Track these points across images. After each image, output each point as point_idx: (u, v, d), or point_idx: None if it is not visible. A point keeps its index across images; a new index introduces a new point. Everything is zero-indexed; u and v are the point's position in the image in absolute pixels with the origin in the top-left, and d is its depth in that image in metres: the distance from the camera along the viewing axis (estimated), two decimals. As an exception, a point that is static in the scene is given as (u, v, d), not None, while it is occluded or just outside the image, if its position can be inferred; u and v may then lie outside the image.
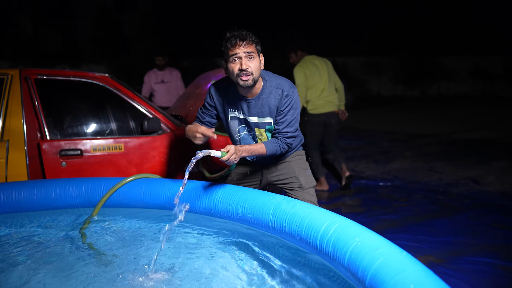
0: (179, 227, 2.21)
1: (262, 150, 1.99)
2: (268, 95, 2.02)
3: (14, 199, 2.31)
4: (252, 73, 1.91)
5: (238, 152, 1.86)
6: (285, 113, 2.02)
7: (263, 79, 2.04)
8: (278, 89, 2.01)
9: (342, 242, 1.42)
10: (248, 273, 1.72)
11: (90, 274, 1.73)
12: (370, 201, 4.12)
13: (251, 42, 1.91)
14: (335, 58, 18.66)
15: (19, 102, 2.76)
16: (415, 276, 1.07)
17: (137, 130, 3.06)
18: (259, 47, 1.96)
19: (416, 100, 16.59)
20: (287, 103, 2.01)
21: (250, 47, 1.90)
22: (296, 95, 2.05)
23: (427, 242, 3.04)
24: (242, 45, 1.89)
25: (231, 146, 1.85)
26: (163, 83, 5.51)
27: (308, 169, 2.28)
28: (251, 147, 1.96)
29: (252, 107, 2.05)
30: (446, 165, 5.57)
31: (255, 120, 2.07)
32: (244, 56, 1.89)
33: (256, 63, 1.93)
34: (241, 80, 1.92)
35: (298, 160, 2.26)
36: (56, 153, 2.75)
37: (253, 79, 1.93)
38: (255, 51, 1.92)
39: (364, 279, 1.23)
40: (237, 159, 1.86)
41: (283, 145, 2.06)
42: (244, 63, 1.89)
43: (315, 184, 2.28)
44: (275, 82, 2.03)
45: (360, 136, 8.42)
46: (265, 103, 2.03)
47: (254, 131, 2.12)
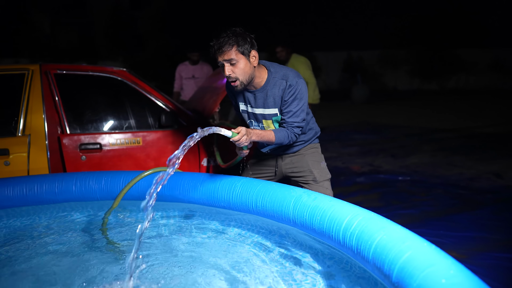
0: (194, 221, 2.21)
1: (271, 137, 1.99)
2: (272, 86, 2.03)
3: (36, 192, 2.34)
4: (237, 78, 1.94)
5: (249, 134, 1.86)
6: (289, 103, 2.02)
7: (268, 70, 2.04)
8: (282, 80, 2.01)
9: (366, 235, 1.39)
10: (266, 266, 1.70)
11: (107, 266, 1.74)
12: (389, 195, 4.06)
13: (230, 47, 1.89)
14: (350, 52, 18.45)
15: (39, 97, 2.79)
16: (446, 270, 1.04)
17: (155, 124, 3.07)
18: (244, 47, 1.91)
19: (433, 93, 16.26)
20: (291, 93, 2.00)
21: (229, 54, 1.90)
22: (301, 85, 2.03)
23: (449, 237, 2.98)
24: (221, 54, 1.91)
25: (243, 127, 1.85)
26: (193, 78, 5.46)
27: (323, 162, 2.27)
28: (261, 131, 1.97)
29: (258, 99, 2.07)
30: (466, 160, 5.45)
31: (261, 111, 2.10)
32: (226, 64, 1.92)
33: (240, 66, 1.92)
34: (232, 85, 1.98)
35: (313, 153, 2.26)
36: (76, 147, 2.78)
37: (240, 82, 1.95)
38: (236, 55, 1.90)
39: (391, 273, 1.20)
40: (247, 141, 1.86)
41: (291, 135, 2.05)
42: (226, 70, 1.92)
43: (330, 177, 2.26)
44: (280, 73, 2.03)
45: (377, 131, 8.30)
46: (269, 94, 2.04)
47: (262, 124, 2.14)
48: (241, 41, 1.90)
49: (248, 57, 1.94)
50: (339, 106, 12.94)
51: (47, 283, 1.63)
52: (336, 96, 15.12)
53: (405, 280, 1.11)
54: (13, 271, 1.74)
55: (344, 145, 6.83)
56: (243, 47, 1.91)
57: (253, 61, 1.96)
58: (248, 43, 1.93)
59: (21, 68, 2.85)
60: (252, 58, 1.95)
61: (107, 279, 1.63)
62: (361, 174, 4.96)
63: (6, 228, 2.20)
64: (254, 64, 1.97)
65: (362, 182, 4.63)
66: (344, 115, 10.77)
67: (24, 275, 1.70)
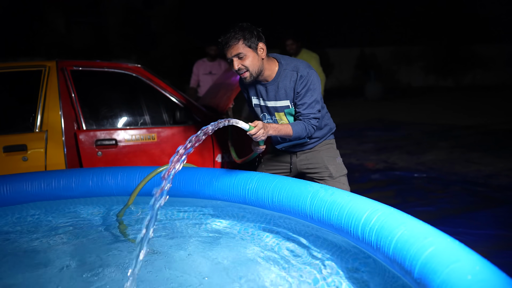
0: (209, 215, 2.20)
1: (289, 130, 1.98)
2: (283, 78, 2.04)
3: (53, 187, 2.37)
4: (247, 69, 1.96)
5: (266, 128, 1.85)
6: (303, 95, 2.01)
7: (279, 63, 2.05)
8: (293, 72, 2.02)
9: (386, 231, 1.36)
10: (281, 262, 1.68)
11: (124, 261, 1.74)
12: (405, 192, 4.00)
13: (237, 42, 1.93)
14: (363, 49, 18.25)
15: (56, 93, 2.82)
16: (471, 266, 1.01)
17: (169, 120, 3.07)
18: (250, 40, 1.94)
19: (449, 90, 15.99)
20: (303, 84, 2.00)
21: (236, 49, 1.93)
22: (313, 75, 2.02)
23: (468, 235, 2.91)
24: (228, 49, 1.95)
25: (260, 121, 1.84)
26: (210, 74, 5.46)
27: (338, 157, 2.26)
28: (278, 125, 1.95)
29: (269, 91, 2.08)
30: (484, 156, 5.34)
31: (273, 104, 2.10)
32: (235, 58, 1.95)
33: (248, 59, 1.95)
34: (242, 77, 2.01)
35: (328, 149, 2.24)
36: (92, 143, 2.80)
37: (250, 74, 1.98)
38: (243, 49, 1.94)
39: (413, 269, 1.17)
40: (264, 136, 1.85)
41: (308, 127, 2.03)
42: (235, 65, 1.96)
43: (346, 172, 2.23)
44: (291, 65, 2.04)
45: (391, 128, 8.20)
46: (281, 86, 2.04)
47: (275, 117, 2.14)
48: (247, 34, 1.94)
49: (256, 50, 1.97)
50: (352, 103, 12.83)
51: (62, 276, 1.65)
52: (349, 93, 14.99)
53: (428, 276, 1.08)
54: (30, 264, 1.75)
55: (358, 142, 6.76)
56: (249, 40, 1.94)
57: (261, 53, 1.98)
58: (254, 36, 1.96)
59: (38, 65, 2.87)
60: (260, 50, 1.98)
61: (121, 273, 1.64)
62: (376, 171, 4.90)
63: (24, 223, 2.23)
64: (262, 56, 1.99)
65: (377, 179, 4.57)
66: (357, 112, 10.66)
67: (40, 268, 1.72)
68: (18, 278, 1.66)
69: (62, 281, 1.61)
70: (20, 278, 1.66)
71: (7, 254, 1.87)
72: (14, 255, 1.86)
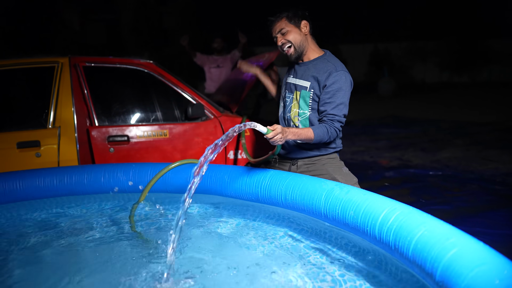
0: (220, 213, 2.18)
1: (310, 134, 1.92)
2: (320, 64, 2.06)
3: (66, 183, 2.37)
4: (291, 43, 2.04)
5: (284, 133, 1.81)
6: (333, 93, 1.98)
7: (325, 53, 2.12)
8: (331, 64, 2.04)
9: (405, 231, 1.32)
10: (296, 262, 1.65)
11: (133, 257, 1.73)
12: (419, 190, 3.92)
13: (280, 19, 2.04)
14: (376, 45, 18.02)
15: (69, 89, 2.82)
16: (499, 270, 0.95)
17: (181, 116, 3.05)
18: (295, 19, 2.04)
19: (464, 86, 15.69)
20: (334, 79, 1.98)
21: (279, 25, 2.04)
22: (346, 78, 2.00)
23: (486, 234, 2.83)
24: (273, 26, 2.07)
25: (279, 125, 1.80)
26: (218, 68, 5.41)
27: (344, 167, 2.16)
28: (299, 130, 1.90)
29: (301, 70, 2.12)
30: (502, 154, 5.20)
31: (297, 82, 2.12)
32: (278, 35, 2.06)
33: (292, 34, 2.04)
34: (287, 54, 2.09)
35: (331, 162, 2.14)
36: (104, 139, 2.79)
37: (294, 49, 2.06)
38: (287, 25, 2.04)
39: (434, 272, 1.12)
40: (282, 140, 1.81)
41: (331, 129, 1.96)
42: (279, 41, 2.06)
43: (357, 180, 2.12)
44: (333, 60, 2.08)
45: (405, 124, 8.07)
46: (312, 69, 2.07)
47: (293, 95, 2.14)
48: (290, 13, 2.05)
49: (299, 26, 2.05)
50: (366, 99, 12.67)
51: (74, 271, 1.64)
52: (363, 89, 14.82)
53: (452, 280, 1.03)
54: (43, 259, 1.75)
55: (372, 139, 6.67)
56: (292, 17, 2.04)
57: (305, 30, 2.06)
58: (298, 15, 2.05)
59: (51, 61, 2.88)
60: (303, 27, 2.05)
61: (133, 270, 1.62)
62: (390, 168, 4.82)
63: (38, 218, 2.23)
64: (305, 32, 2.06)
65: (391, 176, 4.49)
66: (370, 109, 10.53)
67: (53, 263, 1.72)
68: (27, 274, 1.66)
69: (72, 276, 1.60)
70: (29, 273, 1.66)
71: (20, 249, 1.87)
72: (25, 250, 1.86)
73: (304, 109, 2.08)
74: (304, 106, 2.08)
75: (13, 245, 1.91)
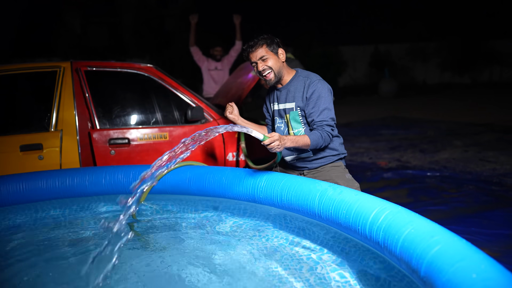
0: (217, 213, 2.23)
1: (306, 139, 2.01)
2: (296, 83, 2.20)
3: (68, 185, 2.42)
4: (271, 69, 2.14)
5: (282, 140, 1.88)
6: (314, 102, 2.10)
7: (296, 72, 2.24)
8: (305, 78, 2.19)
9: (393, 229, 1.37)
10: (289, 261, 1.70)
11: (133, 257, 1.78)
12: (417, 191, 3.96)
13: (260, 46, 2.14)
14: (377, 46, 18.03)
15: (71, 93, 2.88)
16: (477, 264, 1.01)
17: (181, 119, 3.11)
18: (272, 45, 2.16)
19: (465, 87, 15.69)
20: (312, 89, 2.11)
21: (260, 51, 2.14)
22: (323, 85, 2.13)
23: (481, 234, 2.87)
24: (253, 53, 2.15)
25: (276, 133, 1.87)
26: (216, 70, 5.48)
27: (347, 174, 2.24)
28: (295, 137, 1.99)
29: (282, 95, 2.24)
30: (500, 155, 5.23)
31: (283, 106, 2.23)
32: (259, 61, 2.15)
33: (271, 60, 2.15)
34: (266, 79, 2.18)
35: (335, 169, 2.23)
36: (105, 142, 2.85)
37: (274, 75, 2.16)
38: (267, 52, 2.14)
39: (419, 268, 1.18)
40: (281, 147, 1.87)
41: (324, 134, 2.05)
42: (259, 67, 2.15)
43: (358, 186, 2.20)
44: (304, 74, 2.22)
45: (405, 125, 8.10)
46: (292, 90, 2.20)
47: (285, 119, 2.24)
48: (269, 41, 2.17)
49: (277, 54, 2.17)
50: (366, 100, 12.71)
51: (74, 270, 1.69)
52: (363, 90, 14.85)
53: (434, 275, 1.08)
54: (45, 258, 1.81)
55: (372, 140, 6.71)
56: (271, 45, 2.16)
57: (281, 57, 2.19)
58: (275, 43, 2.18)
59: (53, 65, 2.94)
60: (280, 55, 2.19)
61: (132, 269, 1.67)
62: (389, 169, 4.86)
63: (41, 219, 2.29)
64: (282, 59, 2.19)
65: (389, 177, 4.53)
66: (371, 110, 10.56)
67: (55, 261, 1.77)
68: (34, 273, 1.71)
69: (75, 275, 1.65)
70: (36, 272, 1.71)
71: (23, 251, 1.93)
72: (30, 251, 1.91)
73: (297, 128, 2.19)
74: (297, 124, 2.19)
75: (18, 245, 1.97)
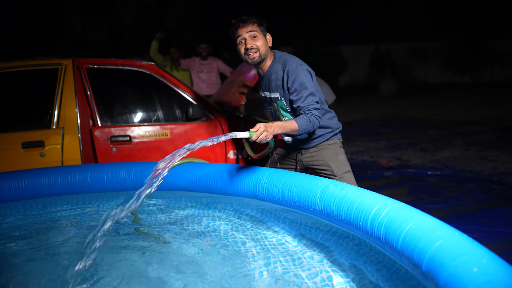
0: (219, 211, 2.24)
1: (294, 125, 1.98)
2: (275, 71, 2.13)
3: (69, 181, 2.43)
4: (258, 49, 2.07)
5: (269, 128, 1.85)
6: (297, 90, 2.07)
7: (274, 56, 2.16)
8: (283, 65, 2.11)
9: (395, 225, 1.37)
10: (290, 257, 1.70)
11: (137, 251, 1.79)
12: (418, 189, 3.97)
13: (253, 22, 2.07)
14: (378, 45, 18.02)
15: (72, 90, 2.89)
16: (478, 259, 1.01)
17: (182, 117, 3.12)
18: (263, 27, 2.10)
19: (466, 87, 15.68)
20: (292, 79, 2.06)
21: (252, 26, 2.06)
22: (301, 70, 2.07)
23: (482, 232, 2.88)
24: (244, 26, 2.06)
25: (261, 124, 1.85)
26: (205, 72, 5.56)
27: (341, 155, 2.27)
28: (282, 123, 1.96)
29: (264, 82, 2.21)
30: (500, 154, 5.24)
31: (268, 94, 2.22)
32: (248, 37, 2.06)
33: (260, 40, 2.08)
34: (248, 58, 2.09)
35: (330, 148, 2.26)
36: (107, 139, 2.86)
37: (259, 55, 2.08)
38: (258, 31, 2.07)
39: (421, 263, 1.18)
40: (269, 136, 1.85)
41: (312, 118, 2.02)
42: (248, 43, 2.06)
43: (350, 169, 2.24)
44: (282, 59, 2.14)
45: (405, 124, 8.11)
46: (273, 78, 2.15)
47: (273, 106, 2.24)
48: (259, 21, 2.11)
49: (265, 36, 2.12)
50: (367, 100, 12.71)
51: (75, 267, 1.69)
52: (363, 90, 14.85)
53: (436, 269, 1.09)
54: (48, 254, 1.81)
55: (372, 139, 6.71)
56: (262, 26, 2.11)
57: (269, 42, 2.14)
58: (264, 26, 2.12)
59: (55, 63, 2.95)
60: (268, 39, 2.14)
61: (134, 263, 1.68)
62: (389, 168, 4.87)
63: (43, 215, 2.30)
64: (269, 44, 2.14)
65: (390, 176, 4.54)
66: (371, 109, 10.56)
67: (55, 259, 1.78)
68: (33, 269, 1.72)
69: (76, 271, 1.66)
70: (36, 268, 1.72)
71: (23, 248, 1.93)
72: (29, 248, 1.92)
73: (287, 116, 2.20)
74: (286, 113, 2.20)
75: (17, 241, 1.98)
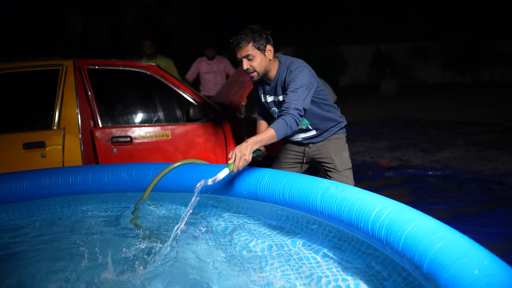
0: (219, 211, 2.24)
1: (270, 133, 1.95)
2: (281, 75, 2.17)
3: (70, 182, 2.43)
4: (254, 70, 2.10)
5: (244, 150, 1.84)
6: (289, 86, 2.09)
7: (279, 62, 2.19)
8: (287, 68, 2.14)
9: (396, 226, 1.37)
10: (292, 258, 1.70)
11: (136, 253, 1.79)
12: (419, 190, 3.97)
13: (247, 44, 2.05)
14: (378, 45, 18.01)
15: (73, 91, 2.89)
16: (479, 261, 1.01)
17: (183, 117, 3.12)
18: (259, 42, 2.06)
19: (467, 87, 15.67)
20: (290, 77, 2.09)
21: (246, 50, 2.06)
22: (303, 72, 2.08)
23: (483, 233, 2.88)
24: (239, 50, 2.07)
25: (234, 150, 1.85)
26: (212, 72, 5.60)
27: (345, 152, 2.33)
28: (258, 136, 1.93)
29: (271, 89, 2.24)
30: (501, 154, 5.24)
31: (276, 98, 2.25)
32: (244, 59, 2.08)
33: (256, 60, 2.08)
34: (249, 77, 2.15)
35: (336, 143, 2.32)
36: (108, 140, 2.86)
37: (257, 74, 2.12)
38: (252, 51, 2.06)
39: (421, 264, 1.18)
40: (248, 158, 1.85)
41: (289, 119, 2.00)
42: (244, 65, 2.09)
43: (351, 167, 2.32)
44: (287, 63, 2.16)
45: (406, 125, 8.10)
46: (279, 83, 2.18)
47: None
48: (257, 37, 2.06)
49: (264, 51, 2.09)
50: (367, 100, 12.71)
51: (77, 268, 1.70)
52: (364, 90, 14.86)
53: (437, 271, 1.09)
54: (48, 256, 1.82)
55: (373, 139, 6.71)
56: (258, 43, 2.06)
57: (268, 55, 2.11)
58: (263, 39, 2.08)
59: (56, 64, 2.95)
60: (268, 52, 2.11)
61: (134, 265, 1.68)
62: (390, 168, 4.87)
63: (44, 216, 2.30)
64: (269, 57, 2.12)
65: (390, 176, 4.54)
66: (372, 109, 10.56)
67: (56, 261, 1.78)
68: (34, 270, 1.72)
69: (77, 272, 1.66)
70: (37, 270, 1.72)
71: (24, 249, 1.94)
72: (31, 249, 1.92)
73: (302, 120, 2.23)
74: None
75: (19, 241, 1.98)
